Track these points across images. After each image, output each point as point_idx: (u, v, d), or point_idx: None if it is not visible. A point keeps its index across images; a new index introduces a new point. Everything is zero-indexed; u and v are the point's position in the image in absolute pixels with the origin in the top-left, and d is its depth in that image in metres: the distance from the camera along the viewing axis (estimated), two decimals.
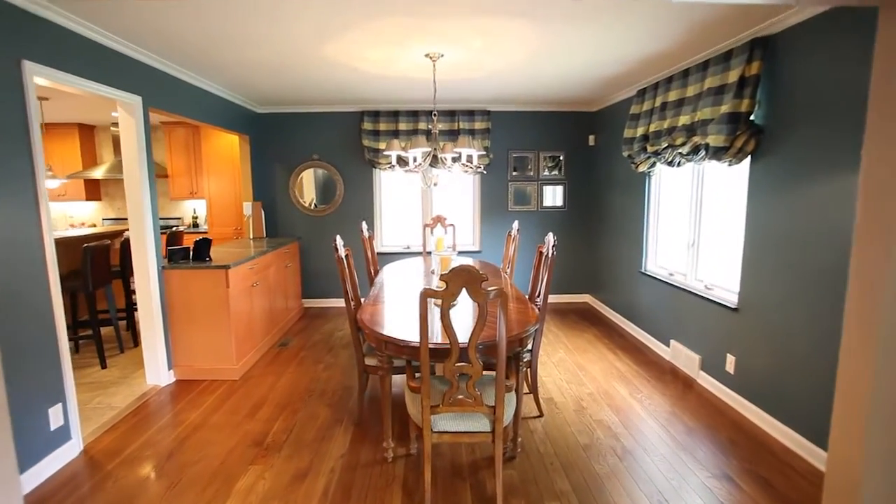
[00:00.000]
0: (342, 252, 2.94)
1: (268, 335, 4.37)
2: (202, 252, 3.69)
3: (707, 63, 3.17)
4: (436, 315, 2.58)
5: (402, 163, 3.67)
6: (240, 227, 5.99)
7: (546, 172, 5.75)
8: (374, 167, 5.55)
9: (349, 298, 2.90)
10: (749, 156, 2.94)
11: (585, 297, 6.04)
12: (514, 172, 5.72)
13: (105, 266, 3.92)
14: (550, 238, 2.89)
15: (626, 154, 4.37)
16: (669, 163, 3.69)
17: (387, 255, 5.79)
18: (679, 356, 3.82)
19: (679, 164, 3.62)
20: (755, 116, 2.88)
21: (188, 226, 6.86)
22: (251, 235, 5.32)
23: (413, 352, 2.22)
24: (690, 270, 3.76)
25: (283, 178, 5.68)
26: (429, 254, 4.80)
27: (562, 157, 5.73)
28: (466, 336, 2.04)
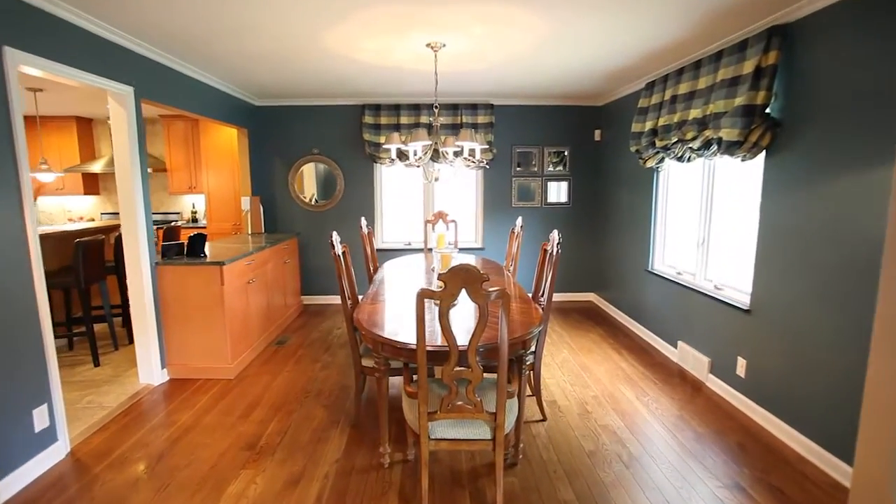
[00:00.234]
0: (339, 249, 2.83)
1: (265, 333, 4.28)
2: (196, 248, 3.60)
3: (720, 53, 3.03)
4: (435, 316, 2.47)
5: (403, 157, 3.56)
6: (239, 223, 5.89)
7: (550, 168, 5.62)
8: (375, 162, 5.44)
9: (346, 297, 2.80)
10: (764, 151, 2.81)
11: (590, 296, 5.92)
12: (518, 168, 5.60)
13: (98, 261, 3.83)
14: (555, 235, 2.78)
15: (634, 149, 4.24)
16: (679, 158, 3.56)
17: (387, 252, 5.68)
18: (687, 358, 3.70)
19: (689, 160, 3.50)
20: (771, 109, 2.75)
21: (187, 221, 6.78)
22: (249, 231, 5.22)
23: (410, 354, 2.11)
24: (700, 270, 3.63)
25: (283, 173, 5.57)
26: (430, 250, 4.69)
27: (566, 153, 5.60)
28: (466, 338, 1.94)
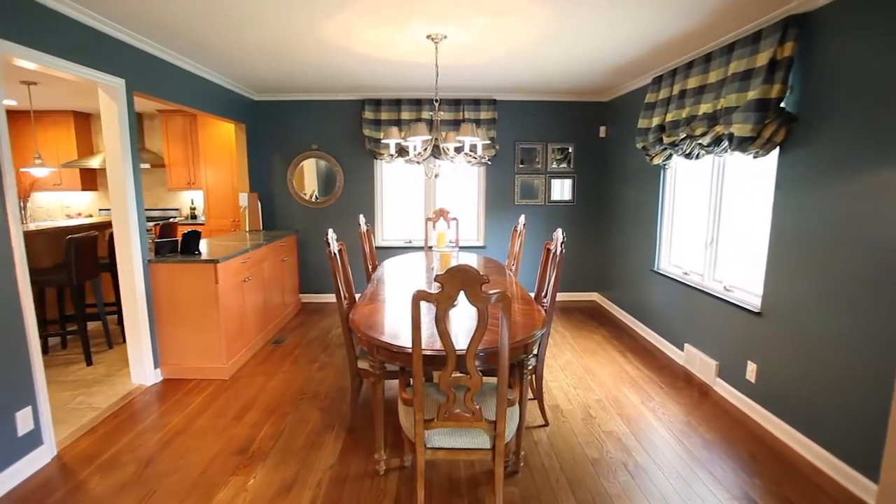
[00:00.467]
0: (335, 247, 2.74)
1: (261, 332, 4.19)
2: (191, 245, 3.51)
3: (733, 45, 2.91)
4: (434, 318, 2.37)
5: (403, 153, 3.46)
6: (237, 220, 5.81)
7: (554, 165, 5.51)
8: (376, 158, 5.33)
9: (341, 297, 2.70)
10: (778, 147, 2.69)
11: (593, 296, 5.81)
12: (521, 165, 5.48)
13: (91, 258, 3.74)
14: (559, 234, 2.67)
15: (641, 145, 4.12)
16: (687, 155, 3.44)
17: (388, 250, 5.59)
18: (694, 361, 3.59)
19: (698, 157, 3.38)
20: (786, 103, 2.63)
21: (186, 217, 6.70)
22: (247, 228, 5.13)
23: (407, 359, 2.01)
24: (708, 270, 3.52)
25: (281, 169, 5.48)
26: (430, 248, 4.59)
27: (571, 150, 5.48)
28: (467, 340, 1.83)
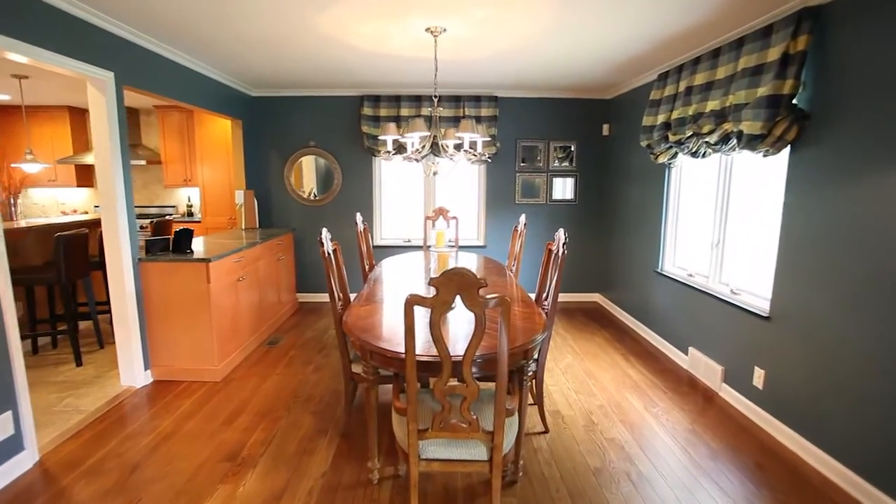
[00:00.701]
0: (329, 247, 2.65)
1: (255, 333, 4.10)
2: (182, 243, 3.42)
3: (742, 40, 2.81)
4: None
5: (402, 150, 3.37)
6: (234, 217, 5.72)
7: (556, 163, 5.40)
8: (374, 155, 5.24)
9: (335, 298, 2.61)
10: (789, 145, 2.59)
11: (595, 297, 5.71)
12: (523, 163, 5.38)
13: (82, 256, 3.65)
14: (561, 235, 2.58)
15: (645, 144, 4.02)
16: (693, 153, 3.34)
17: (386, 249, 5.49)
18: (698, 365, 3.50)
19: (704, 155, 3.28)
20: (798, 100, 2.53)
21: (182, 214, 6.61)
22: (243, 226, 5.04)
23: (402, 364, 1.91)
24: (714, 272, 3.42)
25: (278, 166, 5.38)
26: (429, 248, 4.50)
27: (573, 148, 5.38)
28: (464, 345, 1.73)
